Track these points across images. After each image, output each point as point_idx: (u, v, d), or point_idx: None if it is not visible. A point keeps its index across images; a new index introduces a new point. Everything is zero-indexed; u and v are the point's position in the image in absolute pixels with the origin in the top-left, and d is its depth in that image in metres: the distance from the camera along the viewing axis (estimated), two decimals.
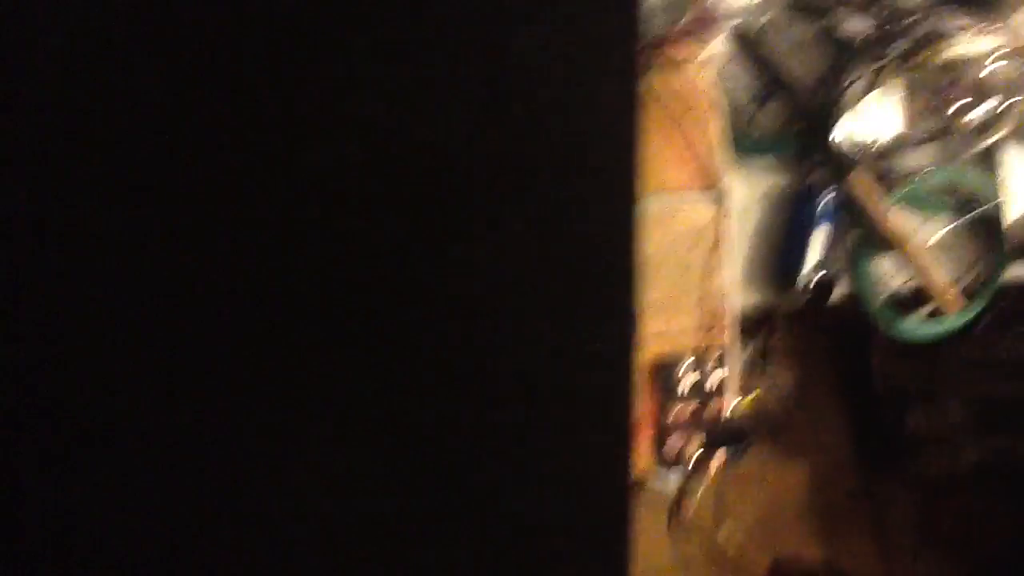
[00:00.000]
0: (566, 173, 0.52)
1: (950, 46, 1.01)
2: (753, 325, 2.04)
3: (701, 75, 0.94)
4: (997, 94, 1.02)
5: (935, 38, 1.01)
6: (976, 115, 1.04)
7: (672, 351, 0.91)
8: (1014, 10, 1.02)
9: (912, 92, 1.04)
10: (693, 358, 0.91)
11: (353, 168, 0.50)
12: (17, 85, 0.46)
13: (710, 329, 0.93)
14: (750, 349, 1.94)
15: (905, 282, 1.13)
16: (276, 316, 0.50)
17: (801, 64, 1.11)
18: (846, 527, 2.12)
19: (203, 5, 0.47)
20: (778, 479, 2.13)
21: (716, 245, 0.95)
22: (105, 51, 0.47)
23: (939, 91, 1.04)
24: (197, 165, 0.48)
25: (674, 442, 0.89)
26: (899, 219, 1.08)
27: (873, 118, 1.06)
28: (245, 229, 0.49)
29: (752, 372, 2.10)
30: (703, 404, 0.91)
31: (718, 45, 1.00)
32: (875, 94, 1.05)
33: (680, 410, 0.90)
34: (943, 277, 1.10)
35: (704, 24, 0.92)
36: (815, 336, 2.12)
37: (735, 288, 0.92)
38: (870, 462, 2.01)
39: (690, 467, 0.87)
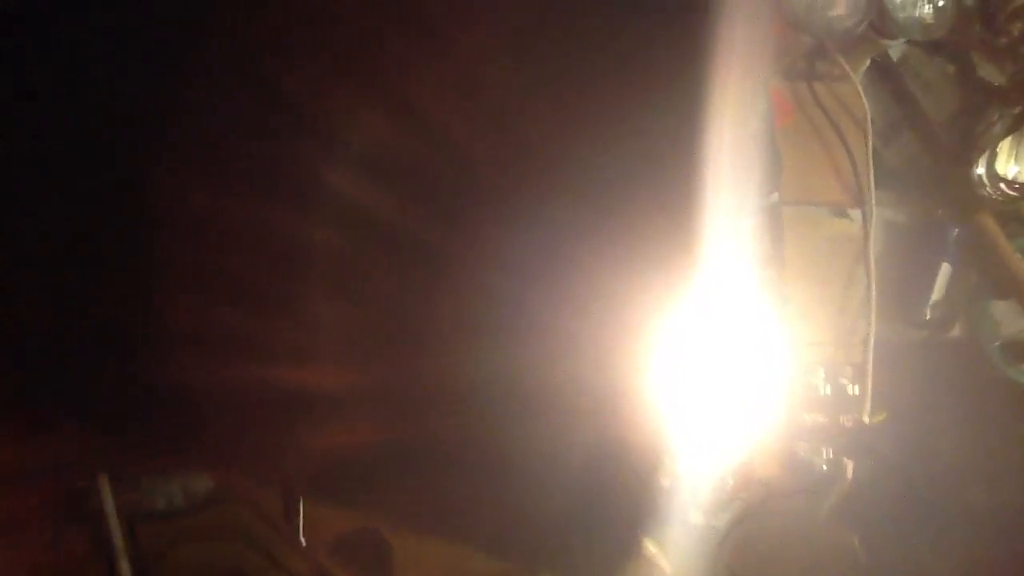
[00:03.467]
0: None
1: None
2: None
3: (852, 92, 0.95)
4: None
5: None
6: None
7: (809, 361, 0.90)
8: None
9: None
10: (826, 372, 0.90)
11: None
12: None
13: (846, 345, 0.92)
14: None
15: (1021, 330, 1.12)
16: None
17: (935, 101, 1.12)
18: None
19: None
20: None
21: (856, 261, 0.94)
22: None
23: None
24: None
25: (805, 449, 0.88)
26: (1021, 265, 1.07)
27: (1006, 162, 1.06)
28: None
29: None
30: (834, 418, 0.90)
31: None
32: (1011, 139, 1.05)
33: (812, 420, 0.89)
34: None
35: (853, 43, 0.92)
36: None
37: (874, 306, 0.91)
38: None
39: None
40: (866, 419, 0.90)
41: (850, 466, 0.89)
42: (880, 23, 0.86)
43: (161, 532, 0.93)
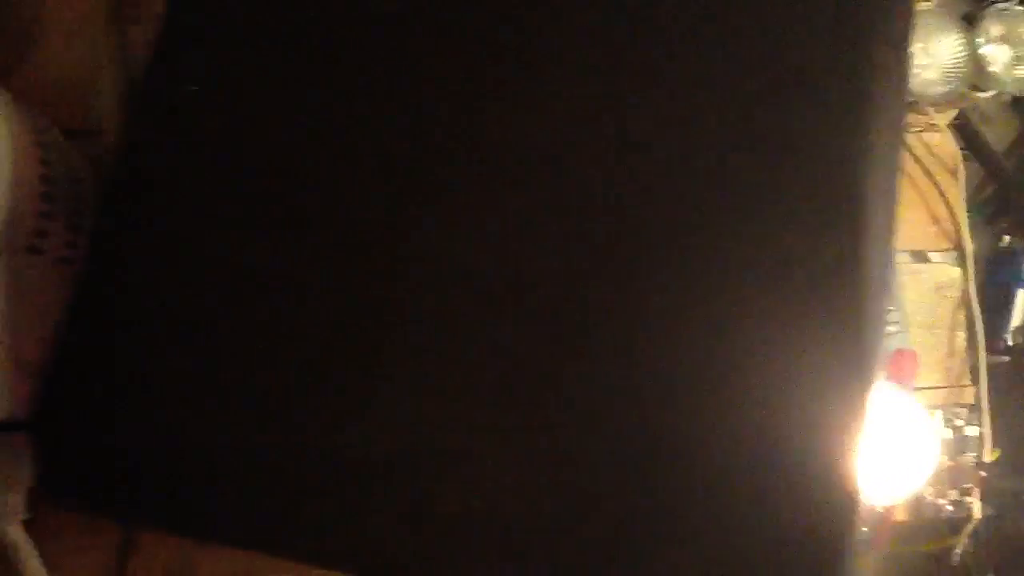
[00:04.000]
0: None
1: None
2: None
3: (943, 141, 0.98)
4: None
5: None
6: None
7: (925, 407, 0.92)
8: None
9: None
10: (944, 415, 0.93)
11: None
12: None
13: (958, 387, 0.95)
14: None
15: None
16: None
17: (994, 131, 1.15)
18: None
19: None
20: None
21: (960, 304, 0.97)
22: None
23: None
24: None
25: (931, 492, 0.90)
26: None
27: None
28: None
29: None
30: (956, 461, 0.92)
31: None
32: None
33: (936, 463, 0.91)
34: None
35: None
36: None
37: (981, 346, 0.94)
38: None
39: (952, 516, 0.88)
40: (987, 458, 0.92)
41: (977, 506, 0.91)
42: (979, 81, 0.89)
43: None
